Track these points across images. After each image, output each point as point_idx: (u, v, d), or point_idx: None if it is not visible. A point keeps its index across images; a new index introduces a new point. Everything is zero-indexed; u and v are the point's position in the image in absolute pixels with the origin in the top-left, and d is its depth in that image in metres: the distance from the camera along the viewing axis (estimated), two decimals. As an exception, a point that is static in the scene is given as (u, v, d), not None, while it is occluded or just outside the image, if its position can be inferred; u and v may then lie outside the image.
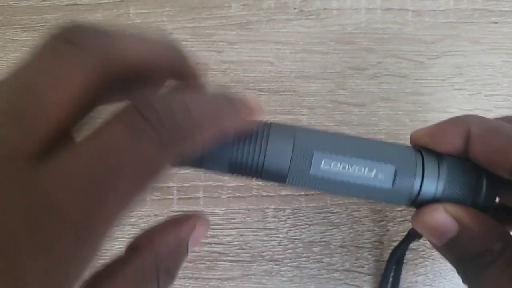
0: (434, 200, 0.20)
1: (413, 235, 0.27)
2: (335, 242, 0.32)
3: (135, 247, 0.17)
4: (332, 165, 0.19)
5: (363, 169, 0.19)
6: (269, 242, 0.32)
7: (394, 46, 0.33)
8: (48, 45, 0.13)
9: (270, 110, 0.33)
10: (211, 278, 0.32)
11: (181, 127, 0.14)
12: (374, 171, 0.20)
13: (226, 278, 0.32)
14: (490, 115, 0.32)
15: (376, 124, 0.33)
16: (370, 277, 0.32)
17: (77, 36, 0.13)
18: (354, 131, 0.33)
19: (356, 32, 0.33)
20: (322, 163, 0.19)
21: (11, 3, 0.35)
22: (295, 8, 0.34)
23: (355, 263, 0.32)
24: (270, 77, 0.33)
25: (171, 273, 0.17)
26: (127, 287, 0.15)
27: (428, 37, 0.33)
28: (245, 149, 0.19)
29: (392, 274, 0.30)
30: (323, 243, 0.32)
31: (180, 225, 0.18)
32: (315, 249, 0.32)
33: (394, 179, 0.20)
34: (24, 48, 0.34)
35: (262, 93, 0.33)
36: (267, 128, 0.19)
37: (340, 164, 0.19)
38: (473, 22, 0.33)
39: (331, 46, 0.33)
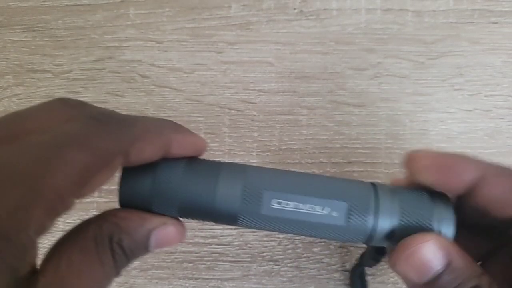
0: (391, 235, 0.19)
1: (365, 262, 0.27)
2: (335, 242, 0.32)
3: (101, 216, 0.18)
4: (283, 204, 0.19)
5: (315, 207, 0.19)
6: (269, 242, 0.32)
7: (394, 46, 0.33)
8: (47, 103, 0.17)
9: (270, 110, 0.33)
10: (211, 279, 0.32)
11: (125, 123, 0.16)
12: (327, 209, 0.19)
13: (226, 278, 0.32)
14: (490, 115, 0.32)
15: (376, 124, 0.33)
16: (370, 277, 0.32)
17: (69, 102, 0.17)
18: (354, 131, 0.33)
19: (356, 33, 0.33)
20: (273, 202, 0.19)
21: (11, 3, 0.35)
22: (295, 9, 0.34)
23: (355, 263, 0.32)
24: (270, 78, 0.33)
25: (125, 252, 0.17)
26: (83, 249, 0.16)
27: (428, 37, 0.33)
28: (194, 191, 0.19)
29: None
30: (323, 243, 0.32)
31: (149, 216, 0.18)
32: (315, 249, 0.32)
33: (348, 216, 0.19)
34: (24, 49, 0.34)
35: (262, 93, 0.33)
36: (217, 169, 0.19)
37: (292, 203, 0.19)
38: (473, 22, 0.33)
39: (331, 47, 0.33)
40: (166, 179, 0.19)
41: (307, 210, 0.19)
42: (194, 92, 0.33)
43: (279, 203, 0.19)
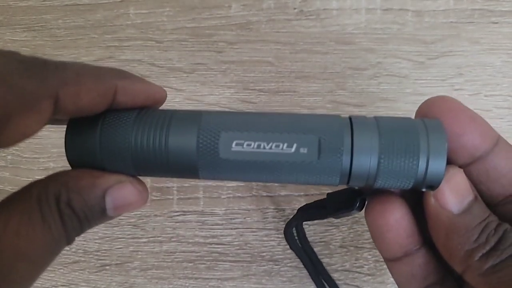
0: (370, 174, 0.17)
1: (306, 214, 0.25)
2: (335, 242, 0.32)
3: (48, 176, 0.16)
4: (244, 145, 0.17)
5: (281, 145, 0.17)
6: (269, 242, 0.32)
7: (394, 46, 0.33)
8: None
9: (270, 110, 0.33)
10: (211, 278, 0.32)
11: (54, 66, 0.15)
12: (295, 146, 0.17)
13: (226, 278, 0.32)
14: (490, 115, 0.32)
15: (376, 124, 0.33)
16: (370, 277, 0.32)
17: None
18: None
19: (356, 32, 0.33)
20: (233, 144, 0.17)
21: (11, 3, 0.35)
22: (295, 8, 0.34)
23: (355, 263, 0.32)
24: (270, 77, 0.33)
25: (76, 213, 0.16)
26: (24, 209, 0.15)
27: (428, 37, 0.33)
28: (145, 144, 0.17)
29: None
30: (323, 243, 0.32)
31: (102, 174, 0.17)
32: (315, 249, 0.32)
33: (319, 151, 0.17)
34: (24, 48, 0.34)
35: (262, 93, 0.33)
36: (169, 117, 0.17)
37: (254, 142, 0.17)
38: (473, 22, 0.33)
39: (331, 46, 0.33)
40: (113, 131, 0.17)
41: (272, 149, 0.17)
42: (194, 92, 0.33)
43: (239, 144, 0.17)
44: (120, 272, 0.32)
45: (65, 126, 0.18)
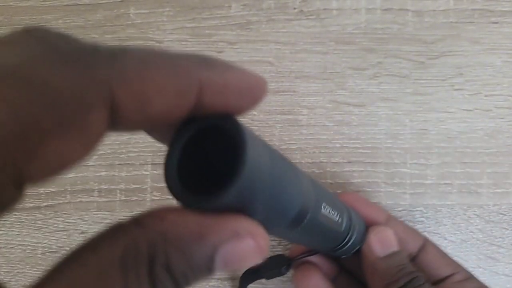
0: (353, 244, 0.24)
1: (246, 279, 0.29)
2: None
3: (139, 222, 0.11)
4: (327, 208, 0.20)
5: (336, 213, 0.21)
6: (269, 242, 0.32)
7: (394, 46, 0.33)
8: None
9: (270, 110, 0.33)
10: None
11: (106, 55, 0.10)
12: (339, 217, 0.21)
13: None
14: (490, 115, 0.32)
15: (376, 124, 0.33)
16: (370, 277, 0.32)
17: None
18: (354, 131, 0.33)
19: (356, 32, 0.33)
20: (323, 207, 0.19)
21: (11, 3, 0.35)
22: (295, 8, 0.34)
23: (355, 263, 0.32)
24: (270, 77, 0.33)
25: (176, 278, 0.11)
26: (99, 274, 0.10)
27: (428, 37, 0.33)
28: (282, 188, 0.14)
29: None
30: (323, 243, 0.32)
31: (215, 223, 0.11)
32: (315, 249, 0.32)
33: (347, 224, 0.22)
34: (24, 48, 0.34)
35: (262, 93, 0.33)
36: (292, 165, 0.16)
37: (329, 207, 0.20)
38: (473, 22, 0.33)
39: (331, 46, 0.33)
40: (257, 164, 0.12)
41: (333, 216, 0.21)
42: (194, 91, 0.33)
43: (325, 207, 0.19)
44: (120, 272, 0.32)
45: None
